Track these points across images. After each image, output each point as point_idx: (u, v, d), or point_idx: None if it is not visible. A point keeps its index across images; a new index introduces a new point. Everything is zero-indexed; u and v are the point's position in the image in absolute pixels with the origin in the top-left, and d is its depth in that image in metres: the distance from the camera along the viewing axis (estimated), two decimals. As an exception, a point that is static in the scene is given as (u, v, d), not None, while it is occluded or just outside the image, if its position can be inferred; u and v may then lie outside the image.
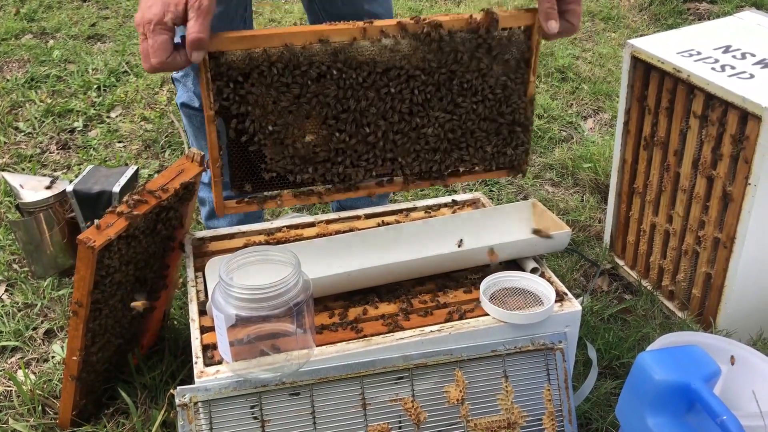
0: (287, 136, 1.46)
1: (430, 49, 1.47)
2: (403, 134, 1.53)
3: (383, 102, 1.49)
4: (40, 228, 2.06)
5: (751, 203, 1.72)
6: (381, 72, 1.46)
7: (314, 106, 1.45)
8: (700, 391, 1.25)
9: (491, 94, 1.55)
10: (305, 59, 1.42)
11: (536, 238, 1.59)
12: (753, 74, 1.78)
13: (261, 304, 1.25)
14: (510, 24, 1.52)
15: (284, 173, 1.51)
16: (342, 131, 1.49)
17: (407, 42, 1.46)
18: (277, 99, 1.43)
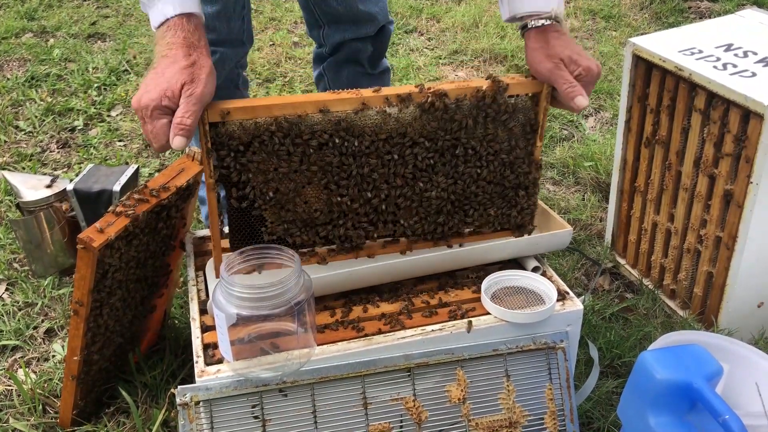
0: (288, 202, 1.44)
1: (434, 118, 1.43)
2: (406, 198, 1.49)
3: (386, 168, 1.45)
4: (40, 227, 2.05)
5: (752, 202, 1.72)
6: (384, 139, 1.43)
7: (315, 173, 1.42)
8: (701, 390, 1.25)
9: (496, 159, 1.51)
10: (306, 128, 1.39)
11: (537, 237, 1.59)
12: (755, 72, 1.78)
13: (262, 304, 1.25)
14: (517, 92, 1.48)
15: (285, 236, 1.47)
16: (343, 196, 1.46)
17: (411, 110, 1.42)
18: (278, 166, 1.41)
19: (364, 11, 2.02)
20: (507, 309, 1.44)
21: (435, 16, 4.07)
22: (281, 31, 3.88)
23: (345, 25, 2.05)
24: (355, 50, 2.10)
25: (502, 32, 3.80)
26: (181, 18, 1.33)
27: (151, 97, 1.28)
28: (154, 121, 1.29)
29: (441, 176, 1.49)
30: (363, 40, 2.09)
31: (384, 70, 2.23)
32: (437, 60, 3.61)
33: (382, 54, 2.19)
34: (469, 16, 3.98)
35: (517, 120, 1.50)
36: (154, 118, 1.28)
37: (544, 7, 1.47)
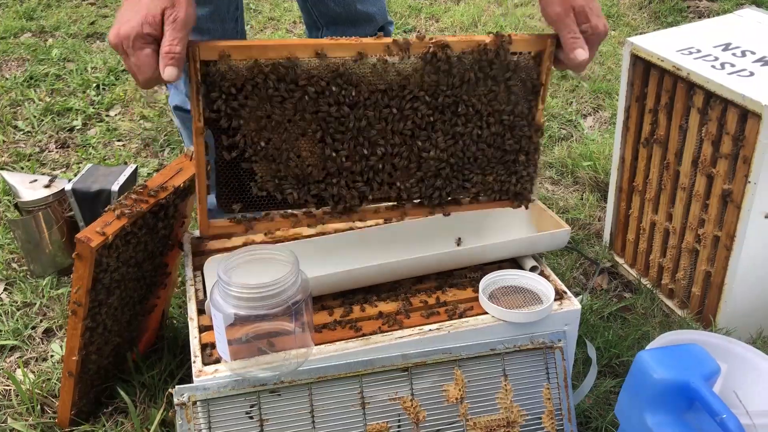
0: (280, 155, 1.37)
1: (435, 70, 1.38)
2: (403, 157, 1.43)
3: (383, 122, 1.39)
4: (39, 227, 2.05)
5: (750, 201, 1.72)
6: (383, 90, 1.37)
7: (310, 124, 1.36)
8: (699, 390, 1.25)
9: (497, 121, 1.47)
10: (303, 73, 1.32)
11: (535, 236, 1.59)
12: (753, 72, 1.78)
13: (259, 303, 1.25)
14: (520, 48, 1.43)
15: (275, 192, 1.41)
16: (338, 151, 1.39)
17: (412, 61, 1.37)
18: (271, 113, 1.34)
19: (362, 11, 2.02)
20: (505, 308, 1.44)
21: (434, 15, 4.07)
22: (280, 31, 3.88)
23: (343, 27, 2.05)
24: None
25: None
26: None
27: (131, 25, 1.18)
28: (137, 51, 1.19)
29: (440, 135, 1.43)
30: None
31: None
32: (436, 59, 3.61)
33: None
34: (468, 16, 3.98)
35: (519, 79, 1.45)
36: (137, 48, 1.19)
37: None
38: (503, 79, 1.43)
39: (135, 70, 1.22)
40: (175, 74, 1.20)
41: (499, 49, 1.40)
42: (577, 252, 2.24)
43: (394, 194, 1.46)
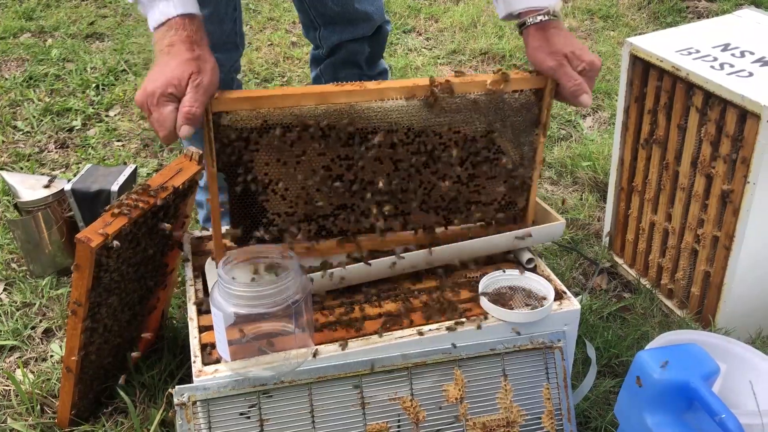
0: (289, 194, 1.45)
1: (438, 111, 1.43)
2: (408, 192, 1.50)
3: (388, 161, 1.46)
4: (38, 227, 2.06)
5: (750, 202, 1.72)
6: (387, 131, 1.43)
7: (317, 165, 1.44)
8: (699, 390, 1.25)
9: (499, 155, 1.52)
10: (310, 119, 1.39)
11: (531, 229, 1.60)
12: (752, 72, 1.78)
13: (260, 302, 1.25)
14: (521, 87, 1.48)
15: (285, 228, 1.49)
16: (345, 189, 1.47)
17: (415, 103, 1.42)
18: (280, 157, 1.42)
19: (360, 10, 2.02)
20: (504, 309, 1.44)
21: (433, 15, 4.07)
22: (279, 31, 3.88)
23: (341, 26, 2.05)
24: (352, 52, 2.10)
25: (500, 32, 3.80)
26: (183, 18, 1.34)
27: (156, 85, 1.29)
28: (160, 108, 1.29)
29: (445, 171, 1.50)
30: (360, 41, 2.08)
31: (382, 71, 2.22)
32: (435, 60, 3.61)
33: (379, 55, 2.19)
34: (468, 16, 3.98)
35: (521, 116, 1.50)
36: (160, 105, 1.29)
37: (542, 2, 1.45)
38: (505, 116, 1.48)
39: (156, 125, 1.31)
40: (190, 133, 1.30)
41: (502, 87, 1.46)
42: (576, 252, 2.24)
43: (400, 224, 1.52)
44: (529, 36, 1.47)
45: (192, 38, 1.33)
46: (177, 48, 1.32)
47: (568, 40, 1.46)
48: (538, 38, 1.46)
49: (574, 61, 1.44)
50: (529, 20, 1.46)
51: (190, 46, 1.32)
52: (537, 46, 1.46)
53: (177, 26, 1.33)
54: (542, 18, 1.45)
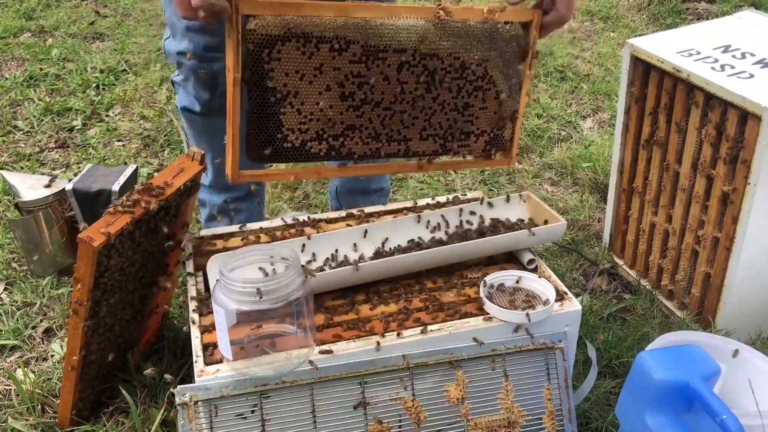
0: (305, 107, 1.50)
1: (443, 34, 1.55)
2: (411, 116, 1.60)
3: (396, 80, 1.55)
4: (39, 227, 2.05)
5: (750, 203, 1.72)
6: (398, 50, 1.53)
7: (333, 78, 1.50)
8: (699, 391, 1.25)
9: (490, 85, 1.64)
10: (330, 30, 1.46)
11: (533, 229, 1.60)
12: (753, 74, 1.78)
13: (261, 298, 1.25)
14: (511, 18, 1.60)
15: (298, 143, 1.53)
16: (357, 107, 1.54)
17: (423, 24, 1.53)
18: (300, 68, 1.47)
19: None
20: (506, 309, 1.44)
21: (433, 16, 4.07)
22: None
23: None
24: None
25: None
26: None
27: None
28: None
29: (444, 98, 1.61)
30: None
31: None
32: None
33: None
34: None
35: (510, 47, 1.62)
36: None
37: None
38: (497, 44, 1.62)
39: None
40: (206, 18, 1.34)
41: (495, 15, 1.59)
42: (576, 253, 2.25)
43: (402, 150, 1.63)
44: None
45: None
46: None
47: None
48: None
49: None
50: None
51: None
52: None
53: None
54: None
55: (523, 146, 2.87)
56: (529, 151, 2.87)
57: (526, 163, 2.79)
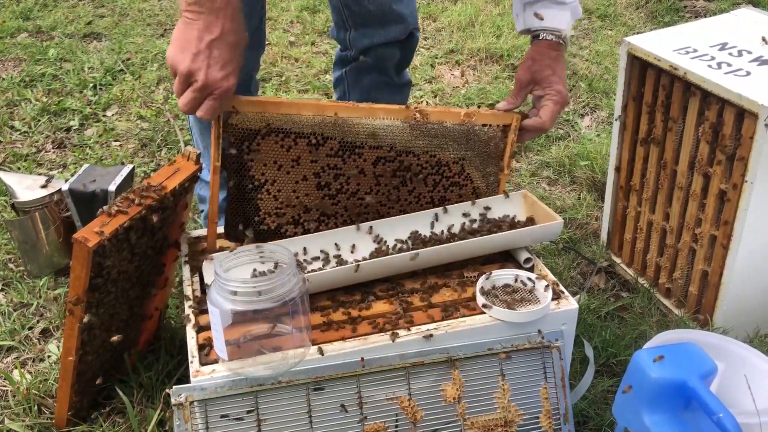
0: (282, 195, 1.59)
1: (418, 134, 1.61)
2: (386, 206, 1.66)
3: (373, 174, 1.62)
4: (35, 227, 2.05)
5: (747, 201, 1.72)
6: (375, 147, 1.59)
7: (310, 170, 1.58)
8: (696, 389, 1.25)
9: (467, 182, 1.69)
10: (308, 127, 1.54)
11: (529, 228, 1.60)
12: (749, 72, 1.78)
13: (256, 298, 1.25)
14: (490, 122, 1.66)
15: (275, 227, 1.61)
16: (332, 197, 1.61)
17: (399, 124, 1.59)
18: (277, 160, 1.56)
19: (396, 11, 2.00)
20: (502, 308, 1.44)
21: (431, 15, 4.07)
22: (277, 31, 3.88)
23: (373, 30, 2.03)
24: (382, 56, 2.08)
25: (498, 31, 3.80)
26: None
27: (185, 66, 1.36)
28: (182, 86, 1.38)
29: (420, 188, 1.66)
30: (391, 46, 2.07)
31: (407, 82, 2.21)
32: (433, 59, 3.61)
33: (409, 62, 2.18)
34: (465, 16, 3.98)
35: (488, 147, 1.67)
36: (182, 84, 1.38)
37: (556, 24, 1.64)
38: (475, 146, 1.66)
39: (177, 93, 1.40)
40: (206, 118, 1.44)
41: (472, 120, 1.63)
42: (574, 251, 2.24)
43: None
44: (538, 45, 1.65)
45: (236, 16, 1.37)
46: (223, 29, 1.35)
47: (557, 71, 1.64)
48: (542, 51, 1.64)
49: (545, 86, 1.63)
50: (543, 35, 1.65)
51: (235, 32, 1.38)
52: (534, 59, 1.65)
53: None
54: (552, 37, 1.64)
55: (521, 144, 2.87)
56: (527, 149, 2.87)
57: (523, 162, 2.79)
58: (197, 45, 1.35)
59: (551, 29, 1.63)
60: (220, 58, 1.36)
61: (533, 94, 1.68)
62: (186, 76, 1.37)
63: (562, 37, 1.64)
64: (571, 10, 1.64)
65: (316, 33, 3.88)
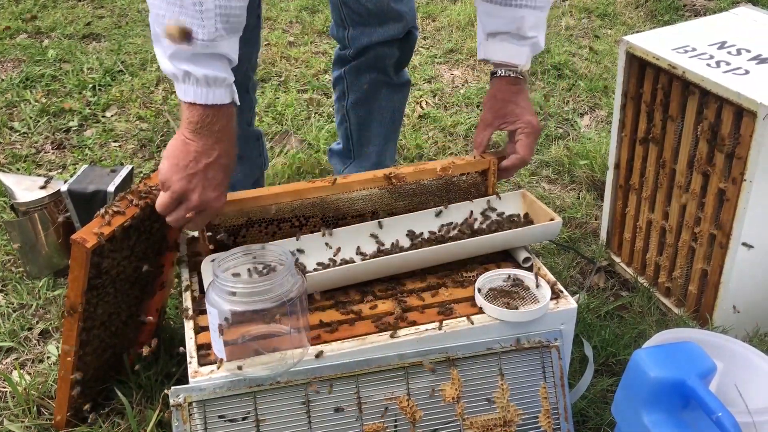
0: None
1: (399, 196, 1.65)
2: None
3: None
4: (34, 228, 2.05)
5: (746, 199, 1.72)
6: (356, 216, 1.64)
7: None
8: (695, 388, 1.25)
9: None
10: (288, 212, 1.59)
11: (528, 228, 1.60)
12: (748, 70, 1.78)
13: (255, 299, 1.25)
14: (467, 170, 1.67)
15: None
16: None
17: (377, 192, 1.63)
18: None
19: (394, 9, 2.00)
20: (501, 308, 1.44)
21: (430, 15, 4.07)
22: (276, 31, 3.88)
23: (371, 28, 2.02)
24: (381, 55, 2.08)
25: (497, 31, 3.79)
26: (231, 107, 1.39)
27: (180, 186, 1.38)
28: (173, 202, 1.40)
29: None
30: (390, 45, 2.06)
31: (406, 81, 2.21)
32: (432, 59, 3.61)
33: (407, 60, 2.17)
34: (464, 15, 3.98)
35: (471, 193, 1.69)
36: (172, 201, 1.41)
37: (511, 59, 1.65)
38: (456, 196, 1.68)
39: (161, 209, 1.42)
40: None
41: (449, 173, 1.64)
42: (573, 251, 2.24)
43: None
44: (496, 83, 1.67)
45: (232, 140, 1.41)
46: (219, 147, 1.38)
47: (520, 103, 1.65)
48: (502, 89, 1.66)
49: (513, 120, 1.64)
50: (500, 72, 1.66)
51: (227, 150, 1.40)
52: (495, 97, 1.67)
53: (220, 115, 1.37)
54: (510, 73, 1.65)
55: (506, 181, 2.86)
56: (526, 149, 2.86)
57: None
58: (194, 166, 1.37)
59: (508, 65, 1.65)
60: (214, 180, 1.39)
61: (503, 129, 1.68)
62: (180, 195, 1.38)
63: (519, 72, 1.66)
64: (531, 45, 1.65)
65: (315, 33, 3.87)
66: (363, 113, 2.19)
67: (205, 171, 1.37)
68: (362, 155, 2.25)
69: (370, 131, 2.22)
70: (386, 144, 2.25)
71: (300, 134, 2.97)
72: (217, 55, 1.34)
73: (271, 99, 3.22)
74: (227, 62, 1.37)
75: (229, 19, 1.31)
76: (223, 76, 1.34)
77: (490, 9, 1.64)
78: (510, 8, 1.61)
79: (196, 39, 1.30)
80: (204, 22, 1.28)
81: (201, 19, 1.28)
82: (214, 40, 1.31)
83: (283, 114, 3.11)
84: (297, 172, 2.69)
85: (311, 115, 3.11)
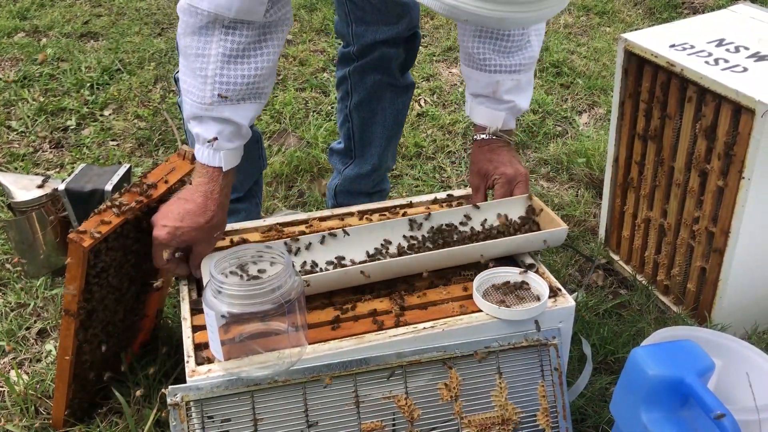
0: None
1: None
2: None
3: None
4: (32, 227, 2.04)
5: (744, 197, 1.72)
6: None
7: None
8: (694, 386, 1.25)
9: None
10: None
11: (533, 234, 1.59)
12: (746, 68, 1.78)
13: (252, 301, 1.24)
14: None
15: None
16: None
17: None
18: None
19: (399, 6, 1.98)
20: (499, 306, 1.44)
21: (429, 13, 4.07)
22: (274, 29, 3.87)
23: (375, 26, 2.01)
24: (387, 57, 2.06)
25: (495, 29, 3.79)
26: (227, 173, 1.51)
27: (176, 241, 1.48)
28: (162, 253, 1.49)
29: None
30: (395, 45, 2.05)
31: (410, 84, 2.20)
32: (431, 57, 3.61)
33: (412, 62, 2.16)
34: (463, 13, 3.97)
35: None
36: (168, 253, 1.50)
37: (483, 122, 1.73)
38: None
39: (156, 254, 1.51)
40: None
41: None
42: (572, 249, 2.24)
43: None
44: (474, 147, 1.76)
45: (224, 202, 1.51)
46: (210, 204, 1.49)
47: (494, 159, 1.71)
48: (477, 151, 1.74)
49: (491, 175, 1.71)
50: (476, 136, 1.74)
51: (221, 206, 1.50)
52: (475, 159, 1.75)
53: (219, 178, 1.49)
54: (484, 136, 1.72)
55: (519, 142, 2.87)
56: (525, 147, 2.87)
57: (521, 160, 2.79)
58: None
59: (484, 128, 1.72)
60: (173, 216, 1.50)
61: (487, 186, 1.75)
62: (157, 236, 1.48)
63: (493, 134, 1.72)
64: (508, 109, 1.71)
65: (314, 31, 3.87)
66: (366, 114, 2.18)
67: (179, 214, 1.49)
68: (363, 155, 2.25)
69: (373, 132, 2.21)
70: (388, 145, 2.25)
71: (298, 133, 2.96)
72: (219, 119, 1.45)
73: (270, 97, 3.21)
74: (233, 126, 1.47)
75: (229, 88, 1.43)
76: (212, 139, 1.45)
77: (469, 73, 1.72)
78: (486, 73, 1.68)
79: (195, 102, 1.43)
80: (205, 87, 1.43)
81: (203, 84, 1.43)
82: (212, 105, 1.44)
83: (281, 112, 3.10)
84: (295, 171, 2.68)
85: (309, 114, 3.10)
